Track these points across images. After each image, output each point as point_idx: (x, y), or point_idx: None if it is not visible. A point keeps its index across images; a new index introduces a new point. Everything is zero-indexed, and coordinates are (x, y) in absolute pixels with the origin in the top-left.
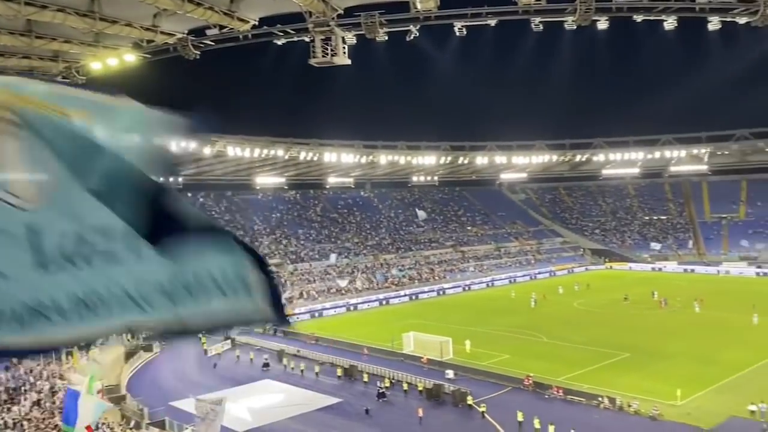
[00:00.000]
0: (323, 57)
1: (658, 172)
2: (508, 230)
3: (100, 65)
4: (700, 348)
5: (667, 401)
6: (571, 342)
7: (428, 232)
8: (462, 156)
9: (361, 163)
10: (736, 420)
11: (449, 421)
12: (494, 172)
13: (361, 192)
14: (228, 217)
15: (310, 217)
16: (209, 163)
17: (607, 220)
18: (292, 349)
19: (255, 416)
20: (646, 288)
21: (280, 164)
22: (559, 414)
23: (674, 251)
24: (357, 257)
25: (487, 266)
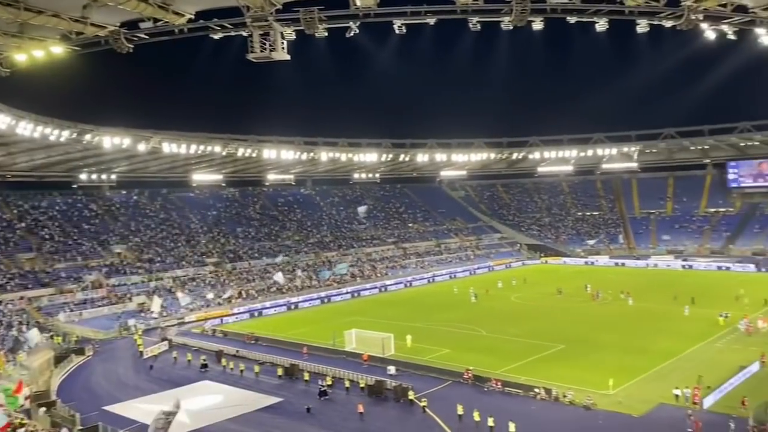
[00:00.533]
0: (261, 52)
1: (590, 170)
2: (448, 227)
3: (25, 57)
4: (630, 338)
5: (600, 390)
6: (509, 335)
7: (370, 229)
8: (403, 153)
9: (302, 160)
10: (665, 406)
11: (391, 416)
12: (435, 170)
13: (302, 189)
14: (163, 215)
15: (249, 215)
16: (143, 160)
17: (543, 216)
18: (231, 349)
19: (193, 418)
20: (580, 281)
21: (218, 161)
22: (497, 406)
23: (606, 245)
24: (298, 255)
25: (428, 262)
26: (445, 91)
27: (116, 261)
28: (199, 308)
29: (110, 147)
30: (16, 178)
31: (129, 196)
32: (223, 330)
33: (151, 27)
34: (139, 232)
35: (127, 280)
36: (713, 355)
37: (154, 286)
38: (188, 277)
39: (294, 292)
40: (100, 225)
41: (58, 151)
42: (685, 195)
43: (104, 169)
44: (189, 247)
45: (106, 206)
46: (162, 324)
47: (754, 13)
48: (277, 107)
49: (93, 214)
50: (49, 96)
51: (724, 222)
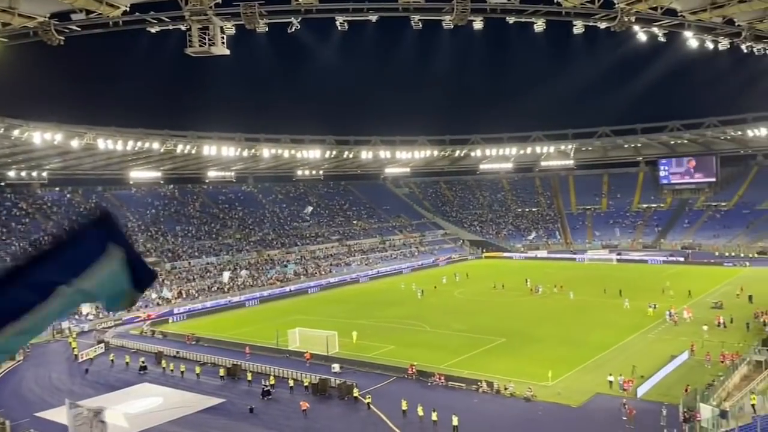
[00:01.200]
0: (200, 47)
1: (529, 167)
2: (392, 223)
3: None
4: (568, 331)
5: (540, 382)
6: (452, 330)
7: (314, 226)
8: (347, 150)
9: (243, 157)
10: (601, 396)
11: (335, 414)
12: (379, 167)
13: (243, 186)
14: None
15: (189, 213)
16: (77, 157)
17: (484, 212)
18: (171, 350)
19: (132, 422)
20: (520, 276)
21: (156, 158)
22: (441, 400)
23: (544, 241)
24: (240, 254)
25: (372, 259)
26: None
27: None
28: (137, 309)
29: (41, 143)
30: None
31: (62, 194)
32: (163, 331)
33: (83, 19)
34: None
35: None
36: (646, 346)
37: None
38: None
39: (236, 291)
40: (31, 224)
41: None
42: (619, 191)
43: (34, 166)
44: None
45: (37, 205)
46: (98, 326)
47: (682, 16)
48: (217, 103)
49: (23, 213)
50: None
51: (655, 217)
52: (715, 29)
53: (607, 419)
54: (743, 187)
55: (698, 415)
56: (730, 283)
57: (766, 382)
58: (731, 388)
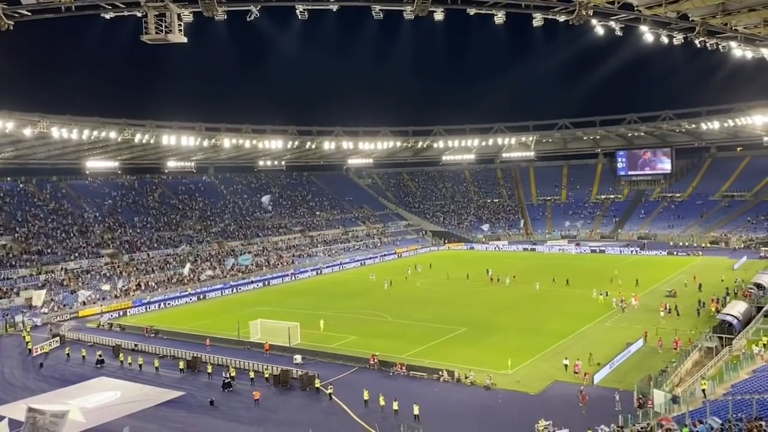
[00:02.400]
0: (157, 34)
1: (491, 158)
2: (355, 214)
3: None
4: (528, 320)
5: (500, 371)
6: (414, 320)
7: (276, 217)
8: (309, 141)
9: (203, 147)
10: (559, 384)
11: (297, 405)
12: (341, 158)
13: (204, 177)
14: (54, 204)
15: (148, 204)
16: (30, 146)
17: (447, 203)
18: (128, 343)
19: (89, 416)
20: (482, 266)
21: (113, 147)
22: (402, 389)
23: (506, 231)
24: (200, 245)
25: (335, 250)
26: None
27: (1, 254)
28: (94, 302)
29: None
30: None
31: (14, 184)
32: (121, 324)
33: (33, 3)
34: (26, 222)
35: (13, 274)
36: (602, 334)
37: (44, 279)
38: (82, 269)
39: (197, 283)
40: None
41: None
42: (579, 183)
43: None
44: (83, 237)
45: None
46: (53, 319)
47: (639, 11)
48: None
49: None
50: None
51: (613, 208)
52: (670, 24)
53: (564, 405)
54: (697, 179)
55: (650, 401)
56: (684, 272)
57: (716, 367)
58: (683, 374)
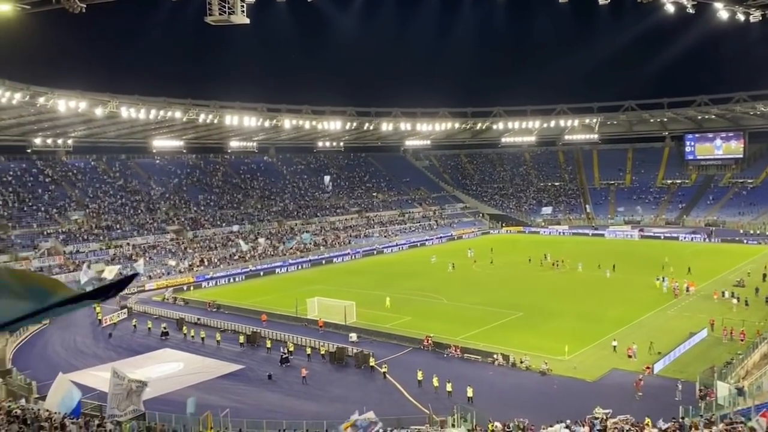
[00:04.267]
0: (220, 15)
1: (552, 141)
2: (412, 196)
3: None
4: (587, 306)
5: (556, 357)
6: (470, 303)
7: (334, 198)
8: (367, 122)
9: (265, 127)
10: (618, 372)
11: (352, 382)
12: (399, 139)
13: (265, 157)
14: (122, 182)
15: (211, 183)
16: (101, 125)
17: (505, 186)
18: (192, 317)
19: (153, 386)
20: (540, 251)
21: (179, 127)
22: (456, 371)
23: (566, 215)
24: (261, 223)
25: (391, 231)
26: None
27: (73, 228)
28: (159, 276)
29: (66, 111)
30: None
31: (86, 161)
32: (185, 298)
33: None
34: (97, 198)
35: (84, 248)
36: (665, 322)
37: (113, 253)
38: (149, 244)
39: (257, 260)
40: (57, 191)
41: (11, 114)
42: (644, 167)
43: (60, 133)
44: (149, 214)
45: (63, 172)
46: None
47: None
48: (240, 73)
49: (49, 179)
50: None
51: (680, 193)
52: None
53: (622, 394)
54: None
55: (713, 393)
56: (754, 261)
57: None
58: (750, 367)
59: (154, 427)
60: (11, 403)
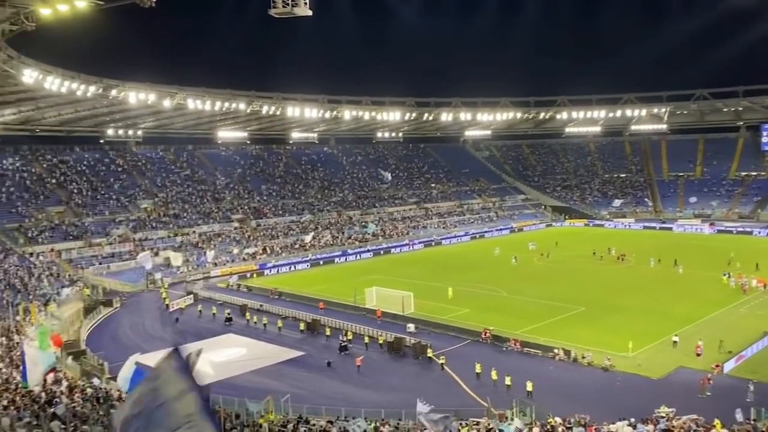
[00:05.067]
0: (284, 8)
1: (619, 131)
2: (471, 187)
3: (49, 11)
4: (653, 302)
5: (619, 353)
6: (530, 296)
7: (392, 188)
8: (427, 112)
9: (325, 118)
10: (684, 370)
11: (409, 373)
12: (459, 129)
13: (325, 148)
14: (189, 171)
15: (274, 173)
16: (169, 116)
17: (569, 177)
18: (254, 303)
19: (217, 369)
20: (604, 244)
21: (243, 118)
22: (515, 365)
23: (632, 208)
24: (321, 213)
25: (450, 223)
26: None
27: (143, 216)
28: (224, 263)
29: (136, 102)
30: (45, 133)
31: (155, 151)
32: (248, 285)
33: None
34: (165, 187)
35: (153, 235)
36: (736, 320)
37: (180, 240)
38: (214, 232)
39: (317, 249)
40: (128, 180)
41: (85, 106)
42: (716, 158)
43: (130, 124)
44: (215, 203)
45: (133, 162)
46: (187, 278)
47: None
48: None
49: (120, 169)
50: (75, 50)
51: (755, 186)
52: None
53: (689, 393)
54: None
55: None
56: None
57: None
58: None
59: (218, 410)
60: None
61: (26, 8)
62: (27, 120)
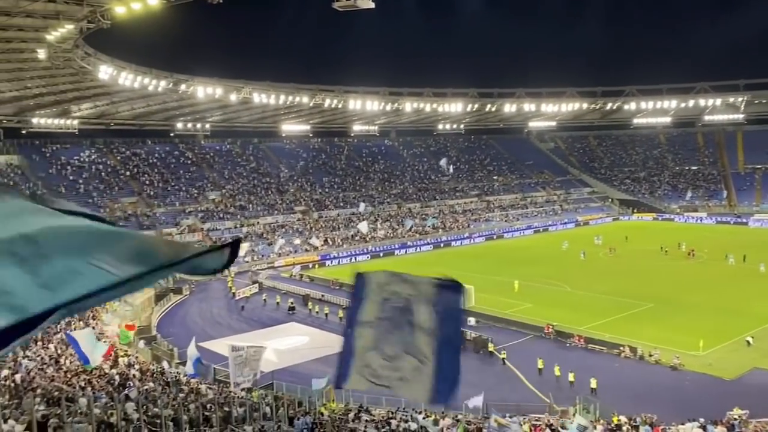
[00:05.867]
0: (347, 1)
1: (691, 121)
2: (535, 180)
3: (124, 9)
4: (725, 300)
5: (689, 351)
6: (595, 292)
7: (453, 181)
8: (489, 103)
9: (386, 111)
10: (760, 372)
11: (470, 366)
12: (522, 120)
13: (386, 140)
14: (254, 164)
15: (335, 165)
16: (236, 110)
17: (637, 170)
18: (316, 293)
19: (281, 357)
20: (674, 239)
21: (305, 111)
22: (579, 362)
23: (705, 202)
24: (381, 206)
25: (512, 216)
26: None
27: (211, 207)
28: (287, 254)
29: (204, 97)
30: (118, 126)
31: (222, 144)
32: (310, 275)
33: None
34: (231, 180)
35: (221, 225)
36: None
37: (246, 231)
38: (278, 224)
39: (377, 241)
40: (196, 172)
41: (156, 101)
42: None
43: (199, 118)
44: (279, 195)
45: (201, 154)
46: (253, 268)
47: None
48: (362, 57)
49: (189, 161)
50: (147, 47)
51: None
52: None
53: (764, 395)
54: None
55: None
56: None
57: None
58: None
59: (281, 397)
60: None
61: (102, 6)
62: (102, 114)
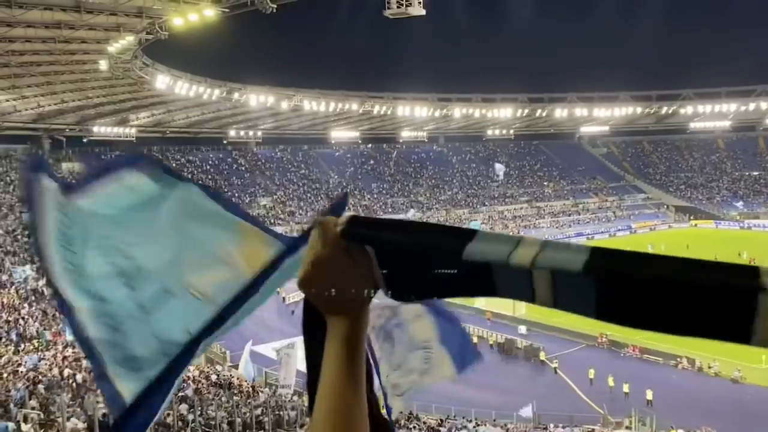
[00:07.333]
0: (398, 8)
1: (751, 126)
2: (587, 186)
3: (181, 21)
4: None
5: (751, 364)
6: None
7: (502, 187)
8: (540, 108)
9: (435, 117)
10: None
11: (521, 375)
12: (574, 125)
13: (434, 146)
14: (304, 170)
15: (384, 171)
16: (286, 117)
17: (694, 175)
18: None
19: None
20: (734, 247)
21: (355, 118)
22: (634, 372)
23: (767, 209)
24: (429, 212)
25: (563, 222)
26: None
27: (263, 213)
28: None
29: (256, 105)
30: (174, 134)
31: (273, 152)
32: None
33: None
34: (282, 186)
35: None
36: None
37: None
38: None
39: None
40: (249, 179)
41: (210, 109)
42: None
43: (251, 126)
44: (328, 201)
45: (253, 161)
46: None
47: None
48: (411, 63)
49: (242, 169)
50: (202, 57)
51: None
52: None
53: None
54: None
55: None
56: None
57: None
58: None
59: None
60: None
61: (160, 18)
62: (159, 123)
